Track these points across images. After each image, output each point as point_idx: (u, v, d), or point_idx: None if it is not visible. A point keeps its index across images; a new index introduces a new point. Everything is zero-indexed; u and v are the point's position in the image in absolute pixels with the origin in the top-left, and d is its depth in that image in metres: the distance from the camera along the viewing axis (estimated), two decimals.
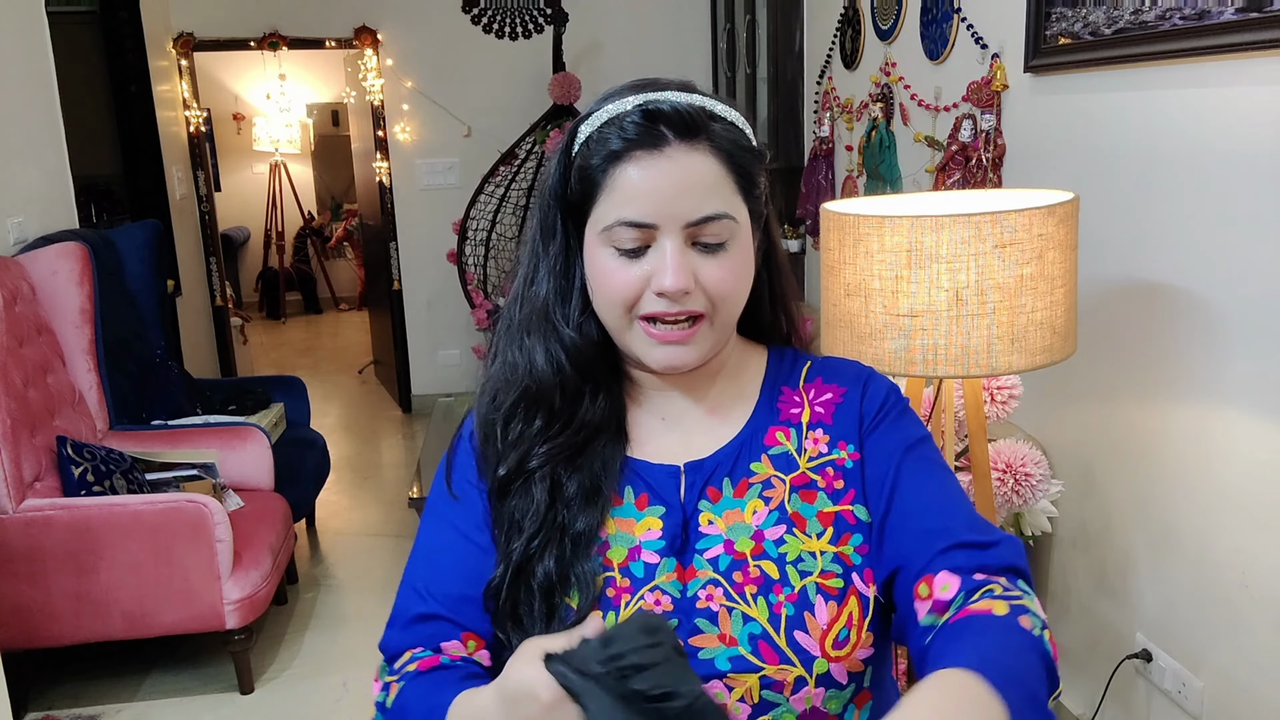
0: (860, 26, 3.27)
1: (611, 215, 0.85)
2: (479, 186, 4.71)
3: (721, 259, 0.86)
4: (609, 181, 0.86)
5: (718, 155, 0.86)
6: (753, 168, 0.89)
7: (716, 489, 0.90)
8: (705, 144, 0.85)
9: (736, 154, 0.87)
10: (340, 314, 8.58)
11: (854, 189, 3.41)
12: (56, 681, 2.81)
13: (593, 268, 0.89)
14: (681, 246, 0.84)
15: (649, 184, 0.84)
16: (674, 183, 0.84)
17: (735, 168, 0.87)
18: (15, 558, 2.51)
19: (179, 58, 4.92)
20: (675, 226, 0.84)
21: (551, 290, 0.93)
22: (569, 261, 0.92)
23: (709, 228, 0.85)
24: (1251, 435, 1.69)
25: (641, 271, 0.85)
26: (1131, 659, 2.01)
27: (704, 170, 0.85)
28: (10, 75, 3.14)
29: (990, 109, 2.43)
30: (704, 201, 0.84)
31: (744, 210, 0.88)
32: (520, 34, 5.05)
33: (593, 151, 0.87)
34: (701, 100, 0.87)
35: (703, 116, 0.86)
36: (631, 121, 0.85)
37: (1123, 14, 1.87)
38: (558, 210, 0.91)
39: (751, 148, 0.90)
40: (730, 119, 0.88)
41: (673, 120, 0.85)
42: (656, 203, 0.84)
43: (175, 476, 2.95)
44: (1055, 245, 1.52)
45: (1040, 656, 0.73)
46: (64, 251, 3.00)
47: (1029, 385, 2.20)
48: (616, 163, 0.85)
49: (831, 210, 1.62)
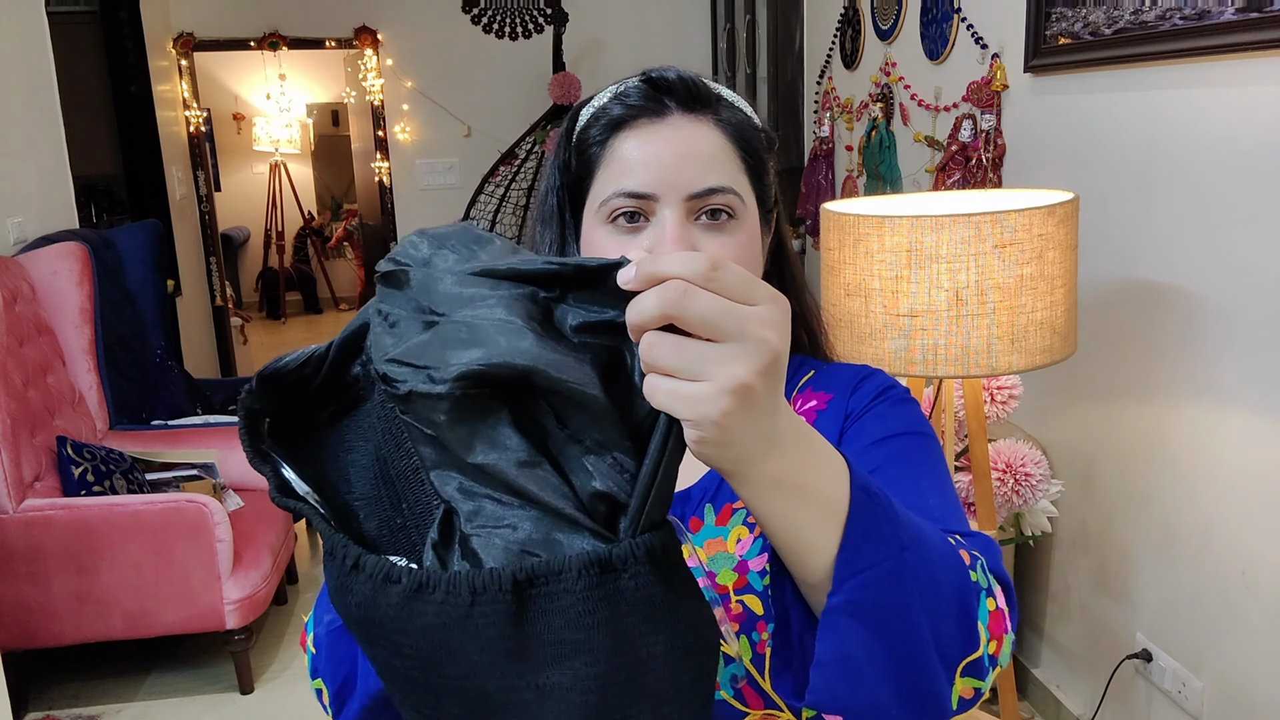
0: (860, 26, 3.27)
1: (609, 188, 0.80)
2: (479, 186, 4.71)
3: (727, 238, 0.80)
4: (608, 154, 0.81)
5: (723, 130, 0.81)
6: (761, 150, 0.84)
7: (699, 518, 0.82)
8: (711, 117, 0.81)
9: (744, 132, 0.83)
10: (340, 314, 8.58)
11: (854, 189, 3.41)
12: (56, 681, 2.81)
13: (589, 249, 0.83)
14: (682, 219, 0.78)
15: (649, 152, 0.79)
16: (676, 151, 0.79)
17: (742, 145, 0.82)
18: (15, 558, 2.51)
19: (179, 58, 4.92)
20: (676, 198, 0.78)
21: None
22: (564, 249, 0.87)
23: (712, 199, 0.79)
24: (1251, 435, 1.69)
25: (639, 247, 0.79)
26: (1131, 659, 2.01)
27: (708, 141, 0.80)
28: (10, 75, 3.14)
29: (990, 109, 2.43)
30: (708, 173, 0.79)
31: (751, 194, 0.83)
32: (520, 34, 5.04)
33: (593, 125, 0.83)
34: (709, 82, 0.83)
35: (709, 91, 0.82)
36: (634, 88, 0.82)
37: (1123, 14, 1.87)
38: (555, 196, 0.87)
39: (760, 128, 0.85)
40: (739, 104, 0.85)
41: (677, 89, 0.81)
42: (657, 171, 0.78)
43: (175, 476, 2.95)
44: (1055, 245, 1.52)
45: (952, 572, 0.60)
46: (64, 251, 3.00)
47: (1029, 385, 2.20)
48: (617, 133, 0.81)
49: (831, 210, 1.62)
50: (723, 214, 0.79)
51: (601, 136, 0.82)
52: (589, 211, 0.83)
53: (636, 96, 0.81)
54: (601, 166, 0.82)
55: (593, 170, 0.82)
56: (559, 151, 0.86)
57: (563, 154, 0.86)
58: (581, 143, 0.83)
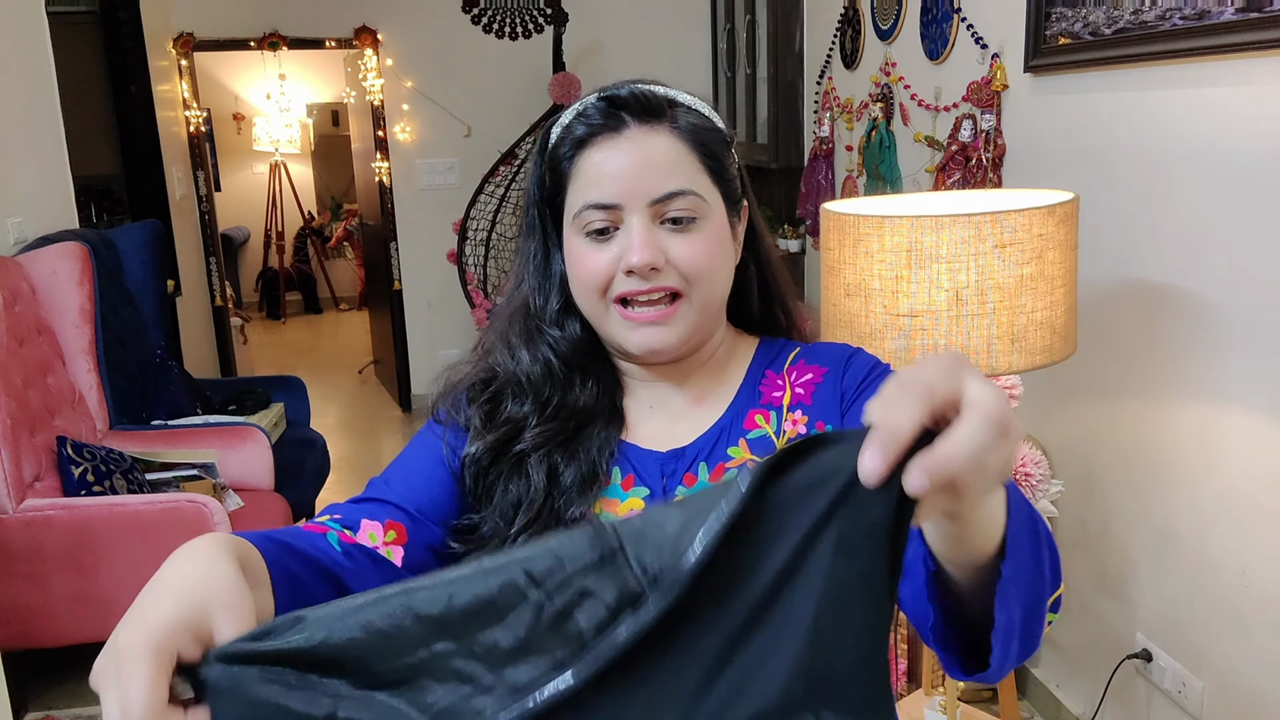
0: (860, 26, 3.27)
1: (579, 201, 0.88)
2: (479, 186, 4.71)
3: (692, 236, 0.87)
4: (576, 169, 0.89)
5: (679, 135, 0.88)
6: (719, 149, 0.91)
7: (693, 475, 0.90)
8: (665, 125, 0.88)
9: (699, 134, 0.89)
10: (340, 314, 8.57)
11: (854, 189, 3.41)
12: (56, 681, 2.80)
13: (569, 258, 0.91)
14: (648, 224, 0.86)
15: (611, 165, 0.87)
16: (634, 162, 0.86)
17: (699, 147, 0.89)
18: (15, 558, 2.51)
19: (179, 58, 4.92)
20: (640, 205, 0.86)
21: (533, 287, 0.95)
22: (548, 258, 0.95)
23: (674, 203, 0.86)
24: (1251, 435, 1.69)
25: (611, 254, 0.87)
26: (1131, 659, 2.01)
27: (665, 149, 0.87)
28: (10, 75, 3.14)
29: (990, 109, 2.43)
30: (666, 179, 0.86)
31: (714, 191, 0.90)
32: (520, 34, 5.04)
33: (561, 144, 0.90)
34: (664, 89, 0.90)
35: (661, 101, 0.89)
36: (593, 106, 0.89)
37: (1123, 14, 1.87)
38: (535, 209, 0.94)
39: (715, 129, 0.91)
40: (694, 106, 0.91)
41: (630, 104, 0.88)
42: (619, 182, 0.86)
43: (175, 476, 2.95)
44: (1055, 245, 1.52)
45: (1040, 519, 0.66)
46: (64, 251, 3.00)
47: (1029, 385, 2.20)
48: (581, 149, 0.88)
49: (831, 210, 1.62)
50: (684, 218, 0.87)
51: (569, 153, 0.89)
52: (567, 222, 0.91)
53: (595, 114, 0.88)
54: (571, 181, 0.90)
55: (565, 184, 0.90)
56: (535, 168, 0.94)
57: (538, 171, 0.93)
58: (553, 160, 0.91)
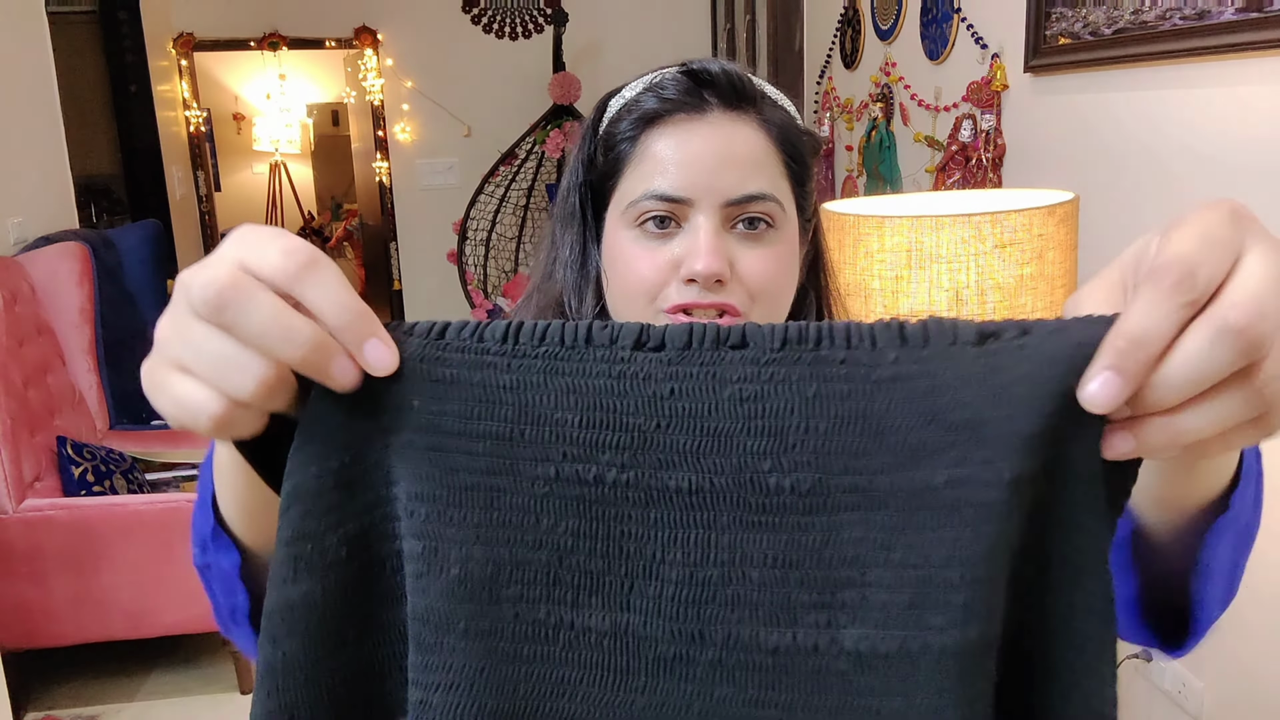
0: (860, 26, 3.27)
1: (639, 188, 0.73)
2: (479, 186, 4.71)
3: (764, 249, 0.73)
4: (638, 151, 0.74)
5: (768, 131, 0.74)
6: (806, 154, 0.78)
7: None
8: (753, 116, 0.74)
9: (789, 133, 0.76)
10: None
11: (854, 189, 3.41)
12: (56, 681, 2.81)
13: (612, 254, 0.76)
14: (718, 227, 0.72)
15: (686, 152, 0.72)
16: (715, 152, 0.72)
17: (787, 148, 0.75)
18: (15, 558, 2.51)
19: (179, 58, 4.92)
20: (713, 204, 0.72)
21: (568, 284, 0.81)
22: (586, 253, 0.80)
23: (752, 207, 0.72)
24: None
25: (669, 255, 0.73)
26: (1131, 659, 2.01)
27: (751, 143, 0.73)
28: (10, 75, 3.14)
29: (990, 109, 2.43)
30: (748, 177, 0.72)
31: (792, 201, 0.76)
32: (520, 34, 5.04)
33: (623, 118, 0.75)
34: (753, 77, 0.77)
35: (754, 87, 0.75)
36: (671, 80, 0.74)
37: (1123, 14, 1.87)
38: (577, 194, 0.80)
39: (808, 131, 0.79)
40: (782, 102, 0.78)
41: (720, 84, 0.73)
42: (693, 174, 0.72)
43: (175, 476, 2.95)
44: (1055, 245, 1.52)
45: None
46: (64, 251, 3.00)
47: None
48: (650, 128, 0.74)
49: (831, 210, 1.62)
50: (761, 223, 0.73)
51: (632, 132, 0.75)
52: (614, 212, 0.77)
53: (674, 89, 0.74)
54: (631, 164, 0.75)
55: (621, 168, 0.76)
56: (583, 145, 0.79)
57: (587, 148, 0.79)
58: (610, 137, 0.76)
